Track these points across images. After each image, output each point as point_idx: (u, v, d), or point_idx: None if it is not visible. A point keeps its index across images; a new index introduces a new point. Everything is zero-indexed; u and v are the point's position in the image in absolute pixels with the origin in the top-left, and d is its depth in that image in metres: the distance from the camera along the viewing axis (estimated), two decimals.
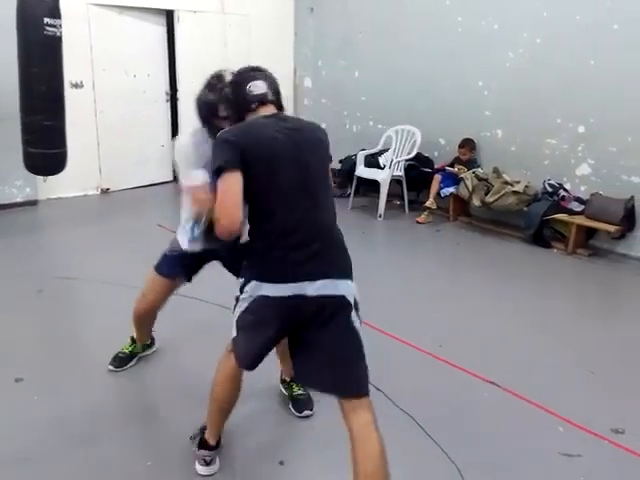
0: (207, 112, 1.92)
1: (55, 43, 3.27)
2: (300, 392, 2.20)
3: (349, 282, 1.55)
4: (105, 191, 5.41)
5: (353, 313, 1.54)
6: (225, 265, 2.15)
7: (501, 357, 2.64)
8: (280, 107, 1.66)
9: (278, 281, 1.50)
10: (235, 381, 1.73)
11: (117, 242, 4.09)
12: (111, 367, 2.41)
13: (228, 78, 1.84)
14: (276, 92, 1.65)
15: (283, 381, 2.26)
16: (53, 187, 4.85)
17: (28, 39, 3.23)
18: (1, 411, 2.13)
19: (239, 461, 1.91)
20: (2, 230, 4.21)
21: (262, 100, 1.60)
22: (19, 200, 4.78)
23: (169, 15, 5.50)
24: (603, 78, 4.00)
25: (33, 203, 4.86)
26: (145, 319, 2.34)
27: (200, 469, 1.82)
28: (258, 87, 1.60)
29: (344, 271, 1.55)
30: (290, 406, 2.19)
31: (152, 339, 2.56)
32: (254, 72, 1.64)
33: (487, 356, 2.64)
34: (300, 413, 2.15)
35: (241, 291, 1.59)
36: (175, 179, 5.90)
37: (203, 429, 1.87)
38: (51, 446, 1.96)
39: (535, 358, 2.65)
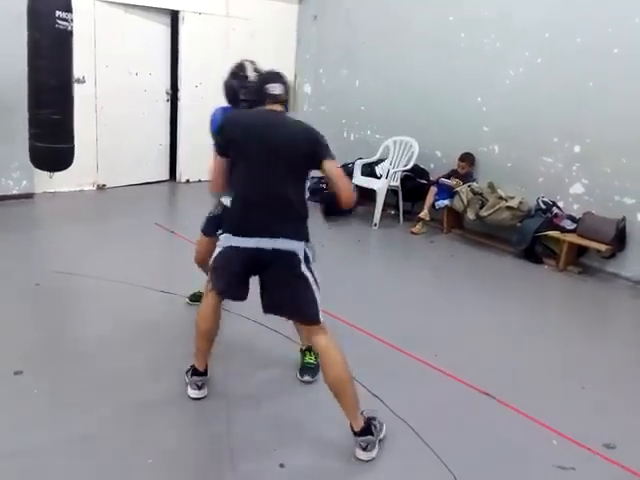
0: (231, 95, 2.47)
1: (66, 37, 3.25)
2: (310, 361, 2.47)
3: (298, 242, 1.97)
4: (101, 187, 5.37)
5: (302, 265, 1.96)
6: None
7: (494, 369, 2.69)
8: (285, 106, 2.11)
9: (238, 234, 1.97)
10: (217, 312, 2.17)
11: (113, 239, 4.08)
12: (188, 300, 3.03)
13: (249, 67, 2.45)
14: (287, 95, 2.12)
15: (300, 350, 2.54)
16: (50, 181, 4.77)
17: (39, 32, 3.20)
18: (0, 405, 2.11)
19: (239, 463, 1.92)
20: None
21: (274, 99, 2.06)
22: (15, 192, 4.73)
23: (174, 15, 5.52)
24: (601, 100, 4.11)
25: (29, 196, 4.82)
26: (203, 266, 2.70)
27: (193, 393, 2.21)
28: (276, 89, 2.07)
29: (294, 233, 1.98)
30: (297, 373, 2.47)
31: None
32: (277, 76, 2.12)
33: (481, 367, 2.68)
34: (301, 377, 2.45)
35: (219, 238, 2.09)
36: (172, 178, 5.91)
37: (191, 367, 2.25)
38: (50, 441, 1.94)
39: (527, 371, 2.70)
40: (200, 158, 5.95)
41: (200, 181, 5.93)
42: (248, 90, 2.33)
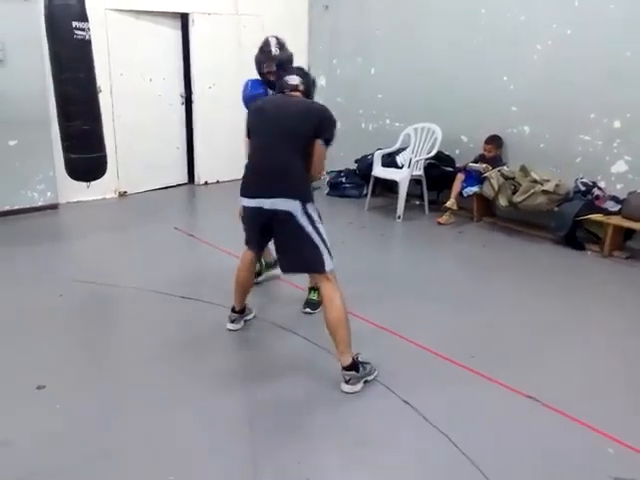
0: (257, 68, 2.89)
1: (85, 46, 3.23)
2: (313, 298, 2.97)
3: (295, 201, 2.25)
4: (123, 194, 5.38)
5: (302, 220, 2.25)
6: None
7: (537, 369, 2.47)
8: (305, 94, 2.47)
9: (247, 196, 2.37)
10: (251, 267, 2.69)
11: (136, 246, 4.06)
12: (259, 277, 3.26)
13: (273, 43, 2.86)
14: (304, 84, 2.49)
15: (308, 288, 3.03)
16: (73, 191, 4.84)
17: (59, 44, 3.18)
18: (22, 420, 2.07)
19: (265, 478, 1.81)
20: (25, 234, 4.22)
21: (292, 89, 2.46)
22: (41, 204, 4.78)
23: (184, 18, 5.45)
24: None
25: (54, 207, 4.86)
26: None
27: (229, 325, 2.77)
28: (294, 80, 2.46)
29: (291, 194, 2.26)
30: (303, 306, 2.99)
31: (275, 261, 3.06)
32: (297, 70, 2.55)
33: (522, 368, 2.46)
34: (303, 309, 2.96)
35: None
36: (190, 181, 5.86)
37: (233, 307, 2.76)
38: (70, 459, 1.87)
39: (575, 371, 2.47)
40: (217, 159, 6.02)
41: (218, 182, 5.87)
42: (269, 63, 2.81)
